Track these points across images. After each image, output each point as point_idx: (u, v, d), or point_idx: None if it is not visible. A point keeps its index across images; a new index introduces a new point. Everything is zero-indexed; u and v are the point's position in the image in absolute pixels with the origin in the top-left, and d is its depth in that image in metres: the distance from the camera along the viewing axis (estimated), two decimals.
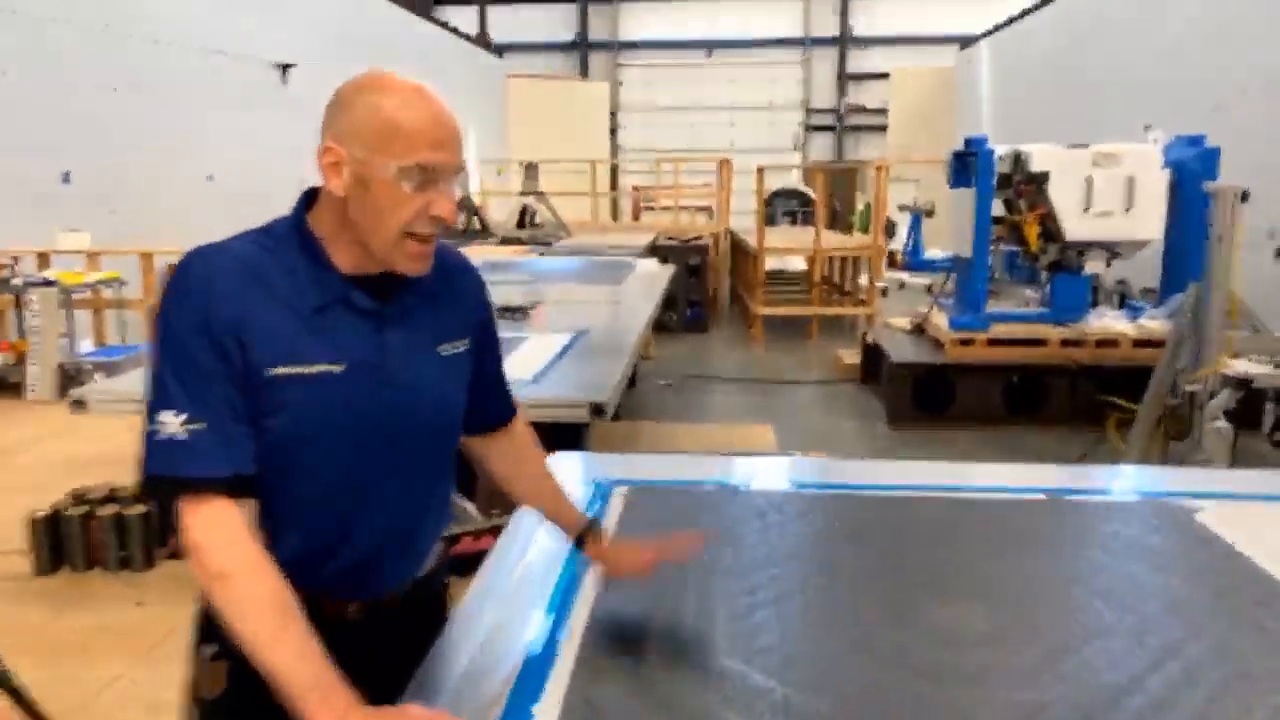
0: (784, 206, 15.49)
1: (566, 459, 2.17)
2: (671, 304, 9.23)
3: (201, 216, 6.62)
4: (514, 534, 1.70)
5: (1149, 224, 6.07)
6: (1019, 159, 6.18)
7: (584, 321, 4.59)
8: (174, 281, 1.14)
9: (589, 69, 20.43)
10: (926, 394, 6.24)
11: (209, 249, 1.16)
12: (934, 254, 9.24)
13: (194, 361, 1.10)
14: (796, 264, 11.95)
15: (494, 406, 1.44)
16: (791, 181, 16.91)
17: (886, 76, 18.18)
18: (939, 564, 1.58)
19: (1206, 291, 4.45)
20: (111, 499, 3.70)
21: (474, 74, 16.03)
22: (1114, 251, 6.32)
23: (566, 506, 1.47)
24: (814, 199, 11.22)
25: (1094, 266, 6.57)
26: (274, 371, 1.13)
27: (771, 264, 10.64)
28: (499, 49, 17.89)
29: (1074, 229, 6.09)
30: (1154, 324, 6.04)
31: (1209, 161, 6.05)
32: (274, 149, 9.12)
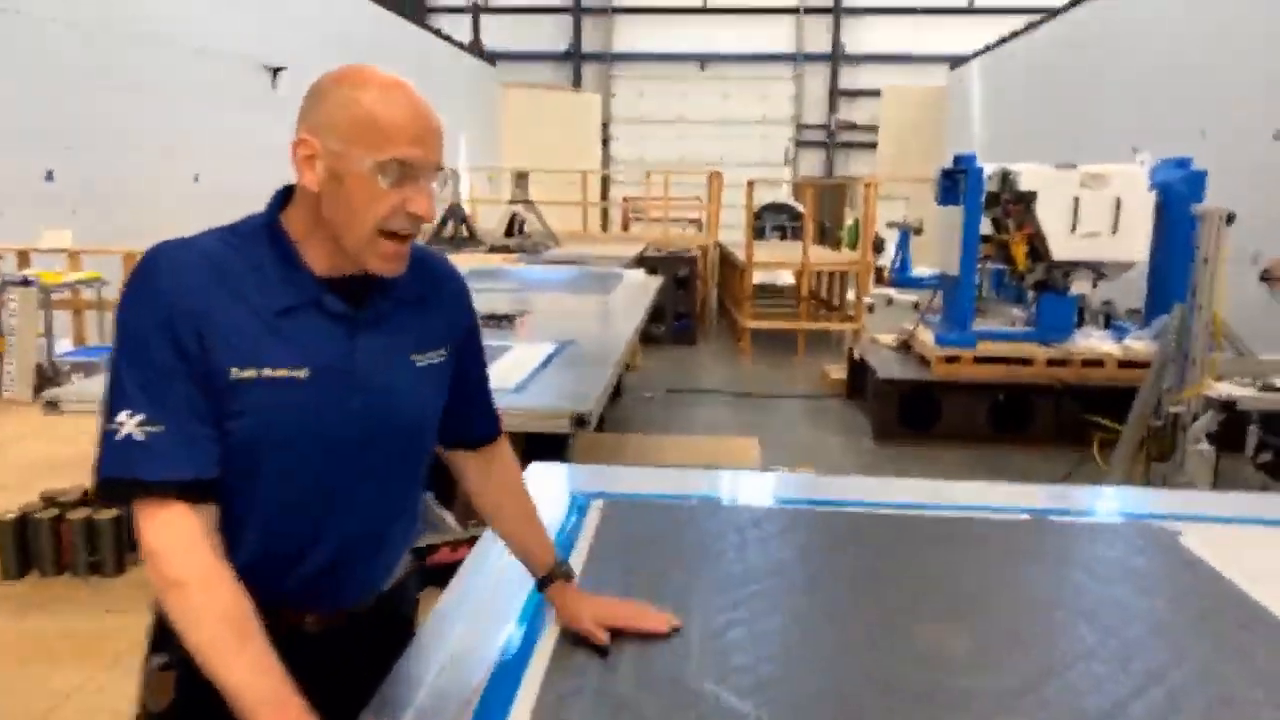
0: (773, 221, 15.50)
1: (545, 470, 2.13)
2: (659, 316, 9.21)
3: (187, 217, 6.50)
4: (488, 546, 1.66)
5: (1135, 245, 6.11)
6: (1007, 178, 6.20)
7: (570, 331, 4.54)
8: (135, 276, 1.09)
9: (582, 79, 20.47)
10: (912, 410, 6.24)
11: (173, 244, 1.11)
12: (922, 271, 9.26)
13: (154, 360, 1.06)
14: (785, 278, 11.97)
15: (476, 421, 1.38)
16: (781, 196, 16.96)
17: (878, 94, 18.31)
18: (921, 583, 1.55)
19: (1191, 313, 4.46)
20: (83, 502, 3.63)
21: (466, 82, 16.03)
22: (1100, 272, 6.35)
23: (539, 546, 1.40)
24: (803, 214, 11.23)
25: (1080, 287, 6.60)
26: (235, 374, 1.08)
27: (760, 278, 10.64)
28: (492, 57, 17.90)
29: (1061, 249, 6.11)
30: (1139, 345, 6.06)
31: (1195, 184, 6.09)
32: (262, 151, 9.02)
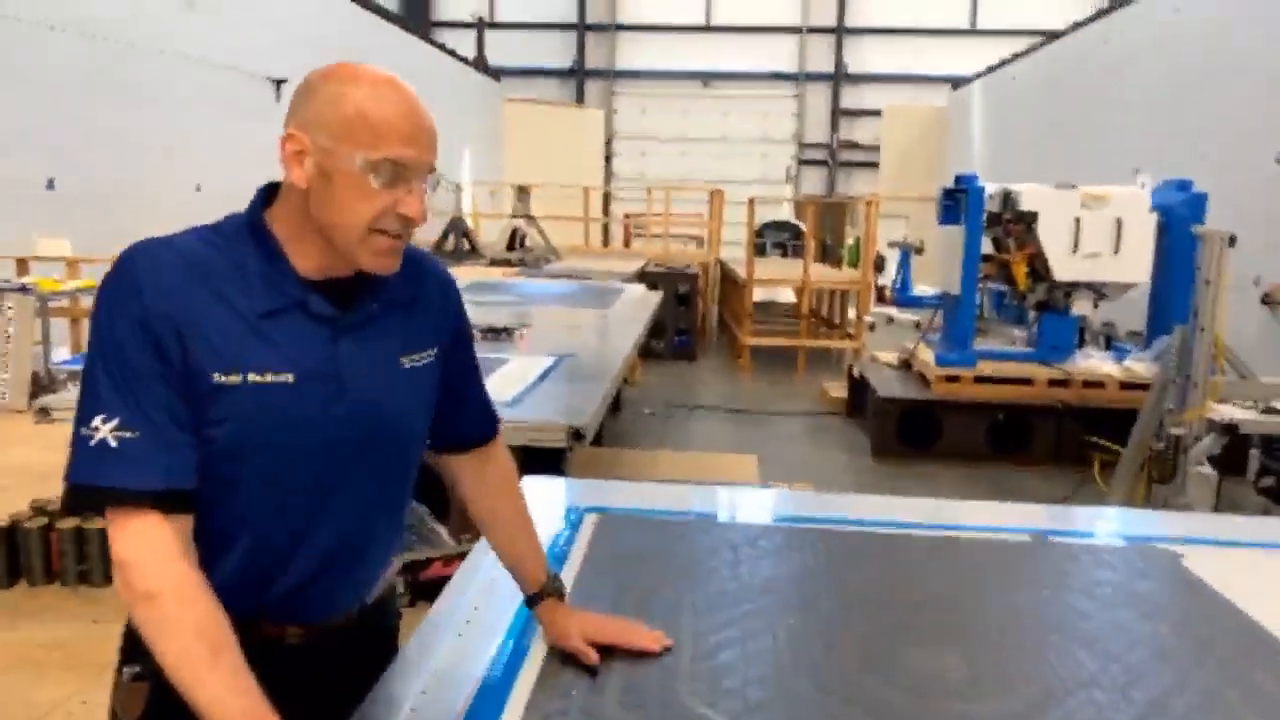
0: (774, 238, 15.52)
1: (539, 483, 2.10)
2: (660, 332, 9.20)
3: (188, 226, 6.54)
4: (478, 560, 1.63)
5: (1136, 266, 6.10)
6: (1008, 198, 6.20)
7: (569, 345, 4.53)
8: (112, 276, 1.06)
9: (585, 96, 20.55)
10: (912, 429, 6.20)
11: (151, 242, 1.08)
12: (923, 291, 9.26)
13: (130, 363, 1.02)
14: (786, 296, 11.96)
15: (469, 422, 1.34)
16: (783, 214, 16.99)
17: (879, 113, 18.37)
18: (918, 605, 1.52)
19: (1192, 335, 4.44)
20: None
21: (471, 96, 16.09)
22: (1101, 293, 6.34)
23: (532, 560, 1.35)
24: (804, 232, 11.24)
25: (1081, 307, 6.59)
26: (217, 379, 1.05)
27: (760, 295, 10.63)
28: (496, 73, 17.98)
29: (1062, 269, 6.10)
30: (1140, 366, 6.04)
31: (1196, 206, 6.08)
32: (264, 162, 9.03)
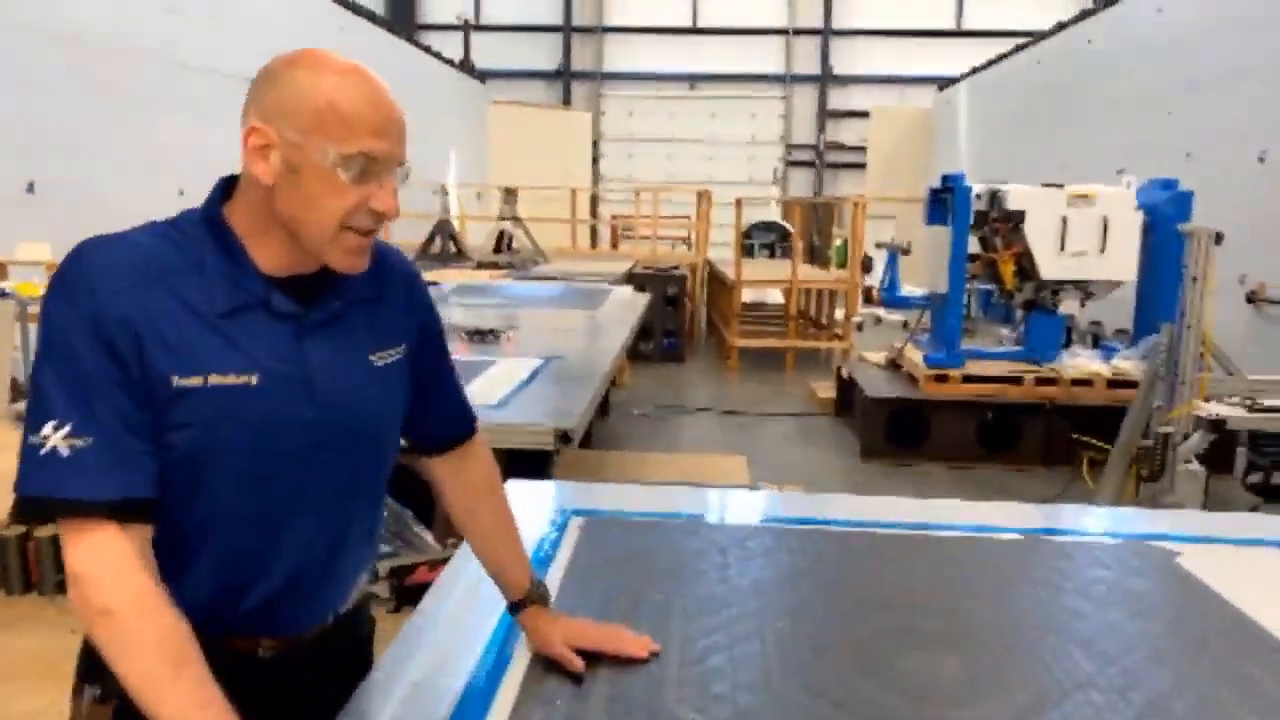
0: (762, 239, 15.53)
1: (524, 486, 2.07)
2: (648, 333, 9.17)
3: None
4: (460, 565, 1.60)
5: (1123, 265, 6.11)
6: (995, 197, 6.20)
7: (556, 346, 4.50)
8: (61, 274, 1.00)
9: (572, 98, 20.52)
10: (900, 429, 6.19)
11: (103, 239, 1.03)
12: (910, 291, 9.28)
13: (82, 368, 0.96)
14: (774, 297, 11.95)
15: (443, 421, 1.30)
16: (770, 215, 17.00)
17: (866, 115, 18.41)
18: (910, 607, 1.49)
19: (1179, 332, 4.45)
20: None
21: (457, 99, 16.02)
22: (1088, 291, 6.35)
23: (515, 566, 1.32)
24: (792, 233, 11.25)
25: (1068, 306, 6.60)
26: (177, 382, 0.99)
27: (749, 296, 10.61)
28: (482, 75, 17.92)
29: (1049, 268, 6.10)
30: (1128, 364, 6.05)
31: (1182, 205, 6.10)
32: None
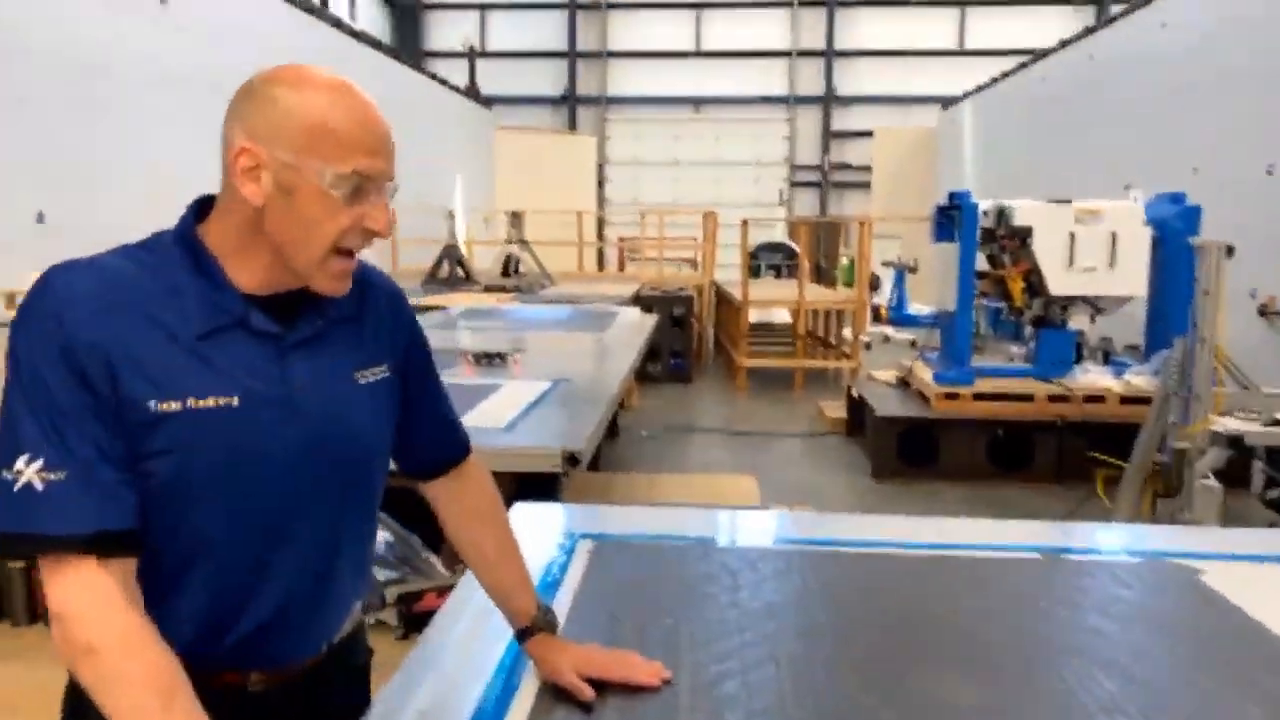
0: (768, 260, 15.54)
1: (531, 509, 2.04)
2: (656, 355, 9.15)
3: None
4: (467, 593, 1.57)
5: (1132, 280, 6.08)
6: (1002, 214, 6.19)
7: (564, 369, 4.48)
8: (27, 304, 0.97)
9: (577, 122, 20.66)
10: (911, 448, 6.14)
11: (69, 265, 1.00)
12: (919, 309, 9.25)
13: (53, 397, 0.93)
14: (781, 316, 11.94)
15: (436, 443, 1.27)
16: (776, 235, 17.02)
17: (870, 135, 18.47)
18: (926, 628, 1.45)
19: (1192, 347, 4.40)
20: None
21: (463, 125, 16.15)
22: (1098, 307, 6.32)
23: (520, 593, 1.28)
24: (798, 253, 11.25)
25: (1078, 322, 6.56)
26: (154, 407, 0.96)
27: (756, 316, 10.60)
28: (488, 101, 18.07)
29: (1058, 284, 6.08)
30: (1141, 380, 6.00)
31: (1191, 219, 6.08)
32: None
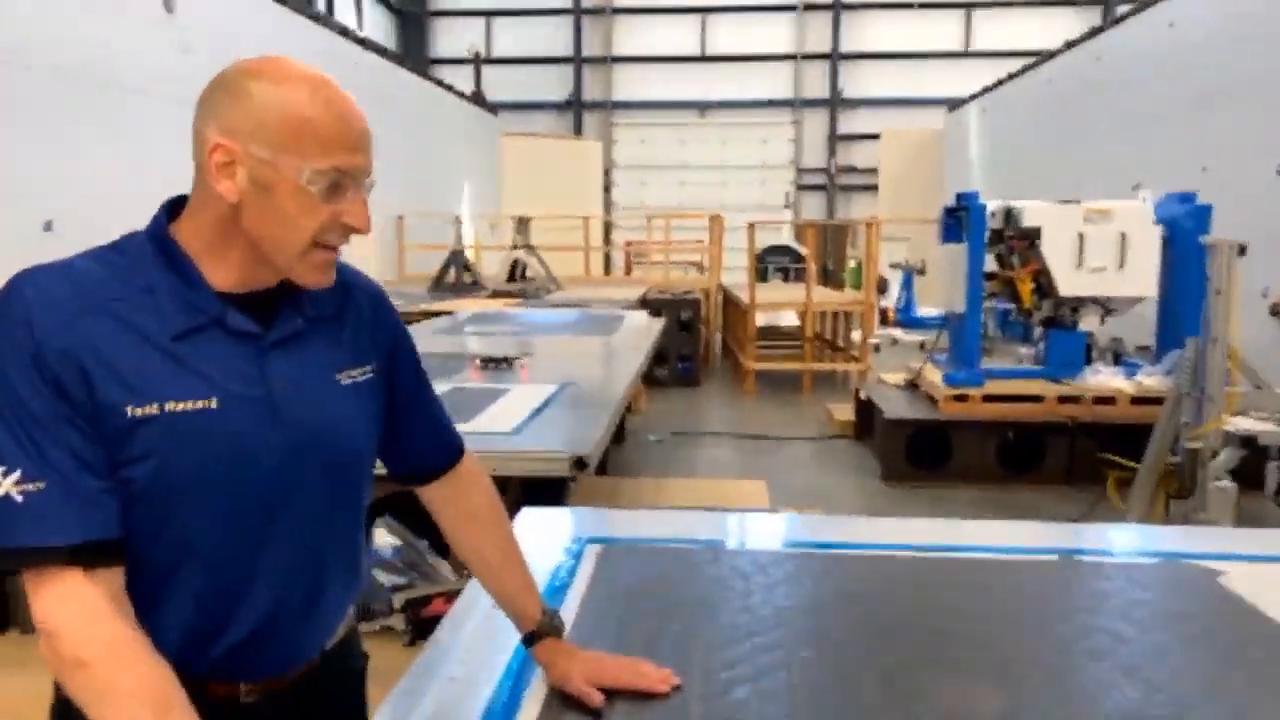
0: (776, 263, 15.53)
1: (539, 514, 2.02)
2: (663, 358, 9.13)
3: None
4: (473, 599, 1.55)
5: (1142, 280, 6.03)
6: (1010, 215, 6.15)
7: (571, 373, 4.46)
8: None
9: (583, 127, 20.69)
10: (921, 450, 6.10)
11: (38, 269, 0.97)
12: (927, 311, 9.22)
13: (25, 407, 0.91)
14: (788, 319, 11.91)
15: (424, 447, 1.24)
16: (783, 238, 17.00)
17: (876, 137, 18.44)
18: (942, 633, 1.43)
19: (1204, 347, 4.36)
20: None
21: (469, 131, 16.18)
22: (1108, 307, 6.27)
23: (524, 596, 1.25)
24: (805, 255, 11.22)
25: (1088, 323, 6.51)
26: (131, 412, 0.94)
27: (763, 319, 10.57)
28: (494, 107, 18.11)
29: (1067, 285, 6.03)
30: (1152, 381, 5.94)
31: (1201, 218, 6.02)
32: None
